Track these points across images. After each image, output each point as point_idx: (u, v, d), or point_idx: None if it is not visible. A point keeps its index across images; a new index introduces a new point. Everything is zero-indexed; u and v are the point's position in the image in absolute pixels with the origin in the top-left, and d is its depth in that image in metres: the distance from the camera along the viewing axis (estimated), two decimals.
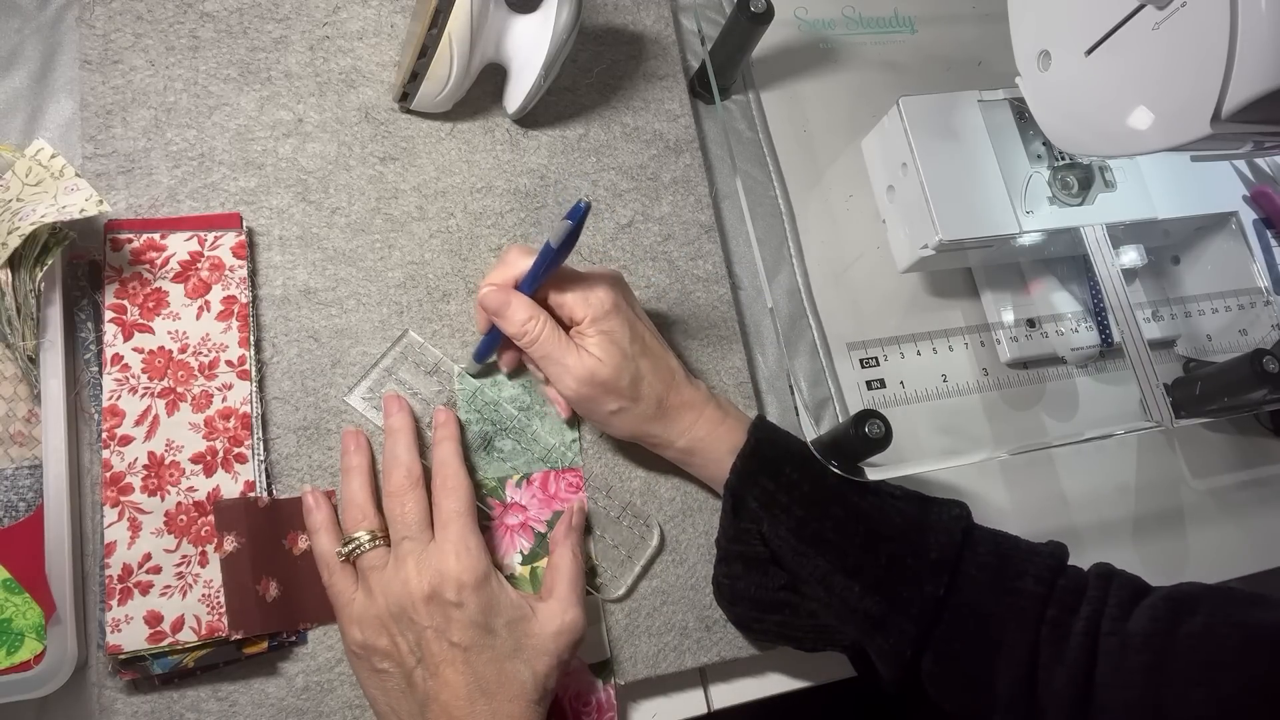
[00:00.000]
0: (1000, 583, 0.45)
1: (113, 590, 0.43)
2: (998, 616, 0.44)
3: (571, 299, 0.46)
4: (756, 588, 0.47)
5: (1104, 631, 0.43)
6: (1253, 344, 0.63)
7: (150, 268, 0.47)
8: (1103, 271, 0.56)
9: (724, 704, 0.52)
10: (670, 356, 0.49)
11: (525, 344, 0.46)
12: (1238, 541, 0.63)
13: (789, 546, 0.46)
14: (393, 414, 0.48)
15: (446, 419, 0.49)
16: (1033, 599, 0.44)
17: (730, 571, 0.48)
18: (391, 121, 0.55)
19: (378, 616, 0.43)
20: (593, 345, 0.46)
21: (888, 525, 0.46)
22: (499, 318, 0.47)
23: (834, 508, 0.46)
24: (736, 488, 0.47)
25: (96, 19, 0.51)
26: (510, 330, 0.47)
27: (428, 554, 0.43)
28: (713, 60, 0.58)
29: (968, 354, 0.62)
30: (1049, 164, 0.59)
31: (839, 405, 0.58)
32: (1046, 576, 0.45)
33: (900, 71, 0.68)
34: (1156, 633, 0.42)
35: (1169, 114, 0.43)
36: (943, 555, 0.45)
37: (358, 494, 0.46)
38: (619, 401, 0.47)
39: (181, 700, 0.43)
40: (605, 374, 0.46)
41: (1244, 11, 0.38)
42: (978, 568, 0.45)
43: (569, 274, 0.47)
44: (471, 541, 0.44)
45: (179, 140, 0.51)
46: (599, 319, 0.46)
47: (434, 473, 0.46)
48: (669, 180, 0.59)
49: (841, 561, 0.45)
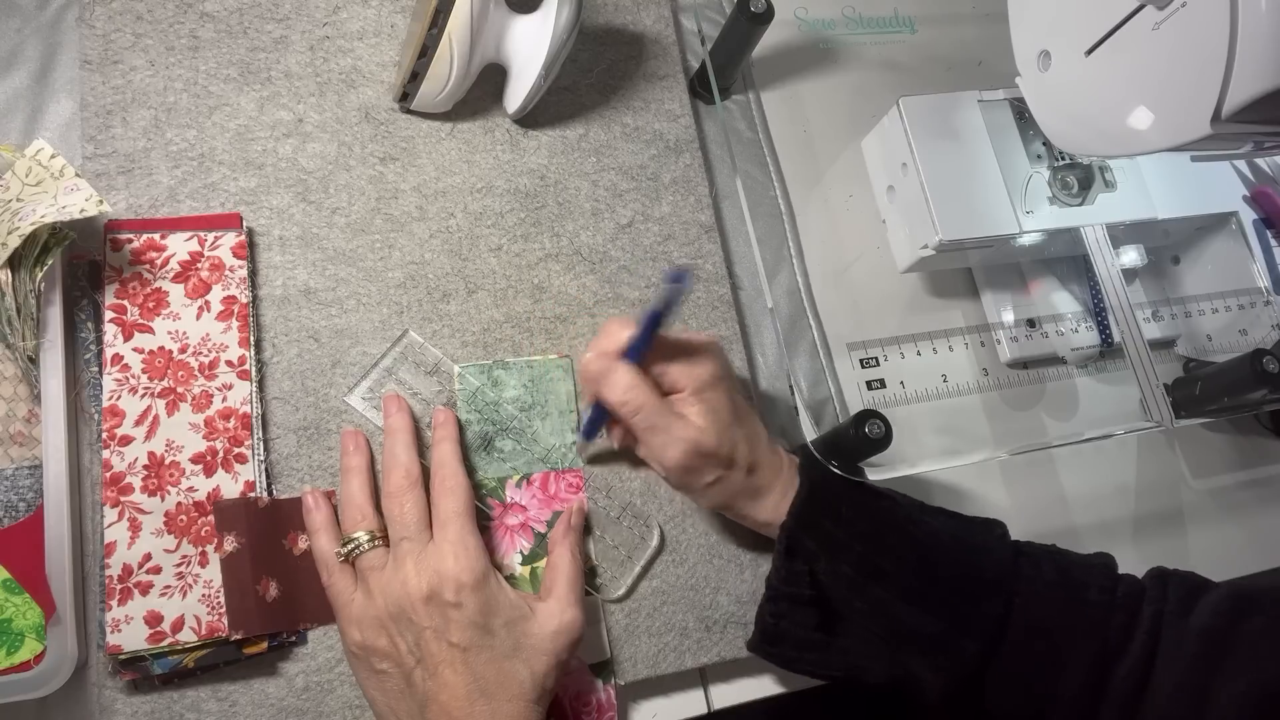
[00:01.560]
0: (1068, 598, 0.46)
1: (113, 590, 0.43)
2: (1066, 629, 0.46)
3: (676, 369, 0.47)
4: (798, 627, 0.48)
5: (1166, 625, 0.45)
6: (1253, 344, 0.63)
7: (150, 268, 0.47)
8: (1103, 271, 0.56)
9: (724, 704, 0.52)
10: (758, 422, 0.50)
11: (627, 413, 0.45)
12: (1238, 541, 0.63)
13: (846, 582, 0.46)
14: (391, 414, 0.48)
15: (446, 419, 0.49)
16: (1099, 608, 0.46)
17: (777, 610, 0.48)
18: (391, 121, 0.55)
19: (376, 617, 0.43)
20: (695, 415, 0.46)
21: (940, 549, 0.47)
22: (602, 385, 0.46)
23: (890, 538, 0.47)
24: (794, 530, 0.47)
25: (96, 19, 0.51)
26: (613, 398, 0.45)
27: (426, 554, 0.43)
28: (713, 60, 0.58)
29: (968, 354, 0.62)
30: (1049, 164, 0.59)
31: (839, 405, 0.58)
32: (1108, 586, 0.47)
33: (900, 71, 0.68)
34: (1218, 628, 0.44)
35: (1169, 114, 0.43)
36: (998, 574, 0.46)
37: (357, 494, 0.46)
38: (717, 471, 0.47)
39: (181, 700, 0.43)
40: (709, 444, 0.46)
41: (1244, 11, 0.38)
42: (1044, 585, 0.46)
43: (671, 343, 0.47)
44: (470, 542, 0.44)
45: (179, 140, 0.51)
46: (702, 389, 0.46)
47: (433, 473, 0.46)
48: (669, 180, 0.59)
49: (900, 589, 0.46)
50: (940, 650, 0.45)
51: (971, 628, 0.45)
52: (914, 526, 0.47)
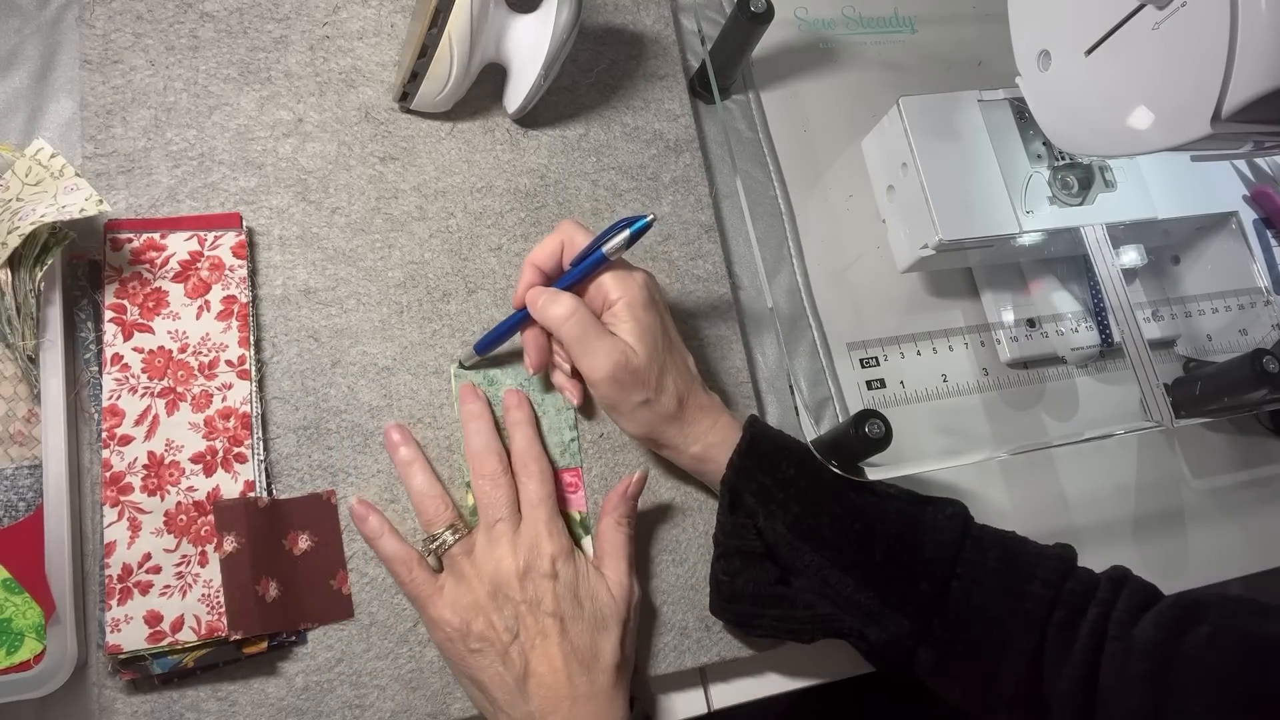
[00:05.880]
0: (1008, 586, 0.45)
1: (112, 590, 0.43)
2: (1004, 619, 0.45)
3: (609, 279, 0.47)
4: (754, 583, 0.47)
5: (1110, 635, 0.43)
6: (1253, 344, 0.63)
7: (150, 267, 0.47)
8: (1103, 271, 0.56)
9: (724, 704, 0.52)
10: (691, 360, 0.50)
11: (559, 321, 0.45)
12: (1238, 541, 0.63)
13: (784, 541, 0.46)
14: (469, 401, 0.49)
15: (519, 401, 0.50)
16: (1039, 602, 0.45)
17: (729, 568, 0.48)
18: (391, 121, 0.55)
19: (473, 599, 0.44)
20: (626, 332, 0.46)
21: (884, 523, 0.46)
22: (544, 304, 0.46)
23: (831, 505, 0.47)
24: (734, 482, 0.47)
25: (96, 19, 0.51)
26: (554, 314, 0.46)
27: (521, 534, 0.45)
28: (713, 60, 0.58)
29: (968, 354, 0.62)
30: (1049, 164, 0.59)
31: (839, 405, 0.58)
32: (1054, 580, 0.45)
33: (900, 71, 0.68)
34: (1161, 640, 0.42)
35: (1169, 114, 0.43)
36: (939, 554, 0.46)
37: (428, 487, 0.47)
38: (645, 393, 0.46)
39: (181, 700, 0.43)
40: (638, 362, 0.46)
41: (1244, 11, 0.38)
42: (986, 572, 0.46)
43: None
44: (559, 523, 0.46)
45: (179, 140, 0.51)
46: (634, 305, 0.46)
47: (515, 458, 0.48)
48: (669, 180, 0.59)
49: (837, 557, 0.46)
50: (874, 622, 0.45)
51: (905, 604, 0.45)
52: (858, 497, 0.47)
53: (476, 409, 0.49)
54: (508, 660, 0.43)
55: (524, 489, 0.47)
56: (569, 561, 0.45)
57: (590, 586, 0.45)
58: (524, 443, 0.49)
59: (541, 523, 0.46)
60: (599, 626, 0.45)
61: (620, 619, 0.45)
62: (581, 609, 0.45)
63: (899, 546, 0.46)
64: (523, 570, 0.44)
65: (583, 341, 0.46)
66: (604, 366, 0.45)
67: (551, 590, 0.44)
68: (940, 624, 0.45)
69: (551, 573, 0.44)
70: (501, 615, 0.44)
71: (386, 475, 0.48)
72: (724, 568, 0.49)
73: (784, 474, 0.47)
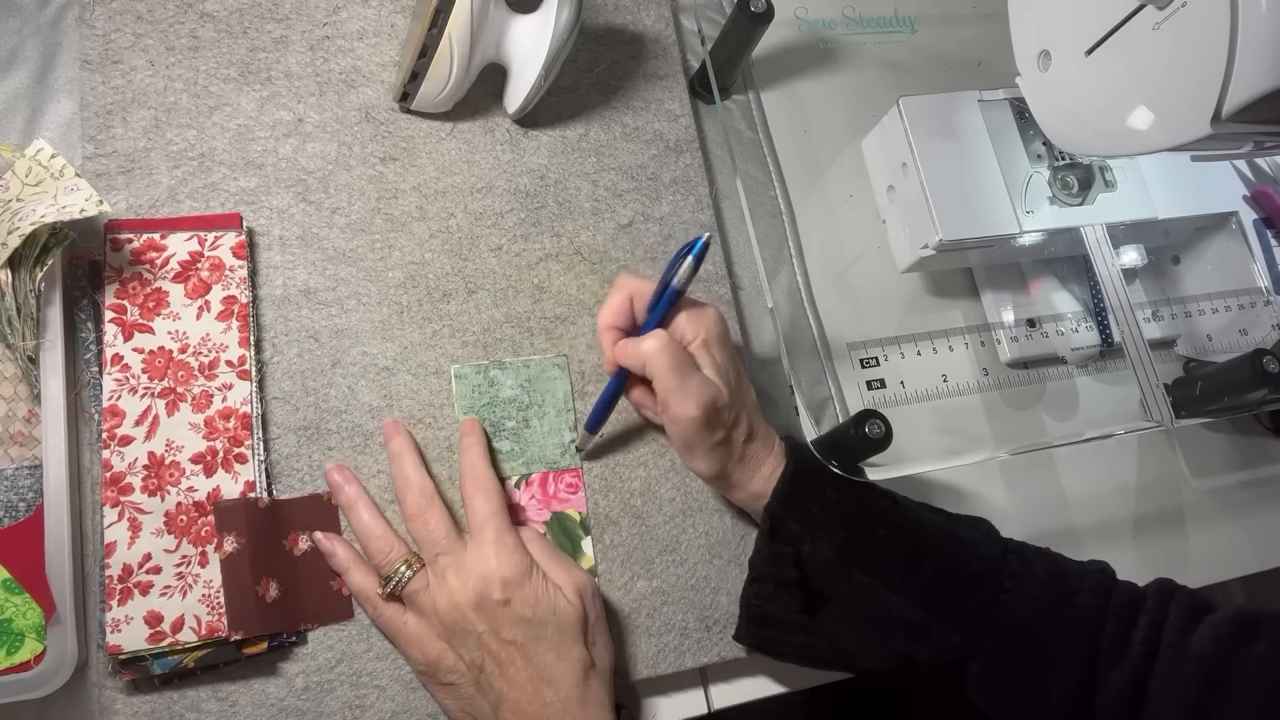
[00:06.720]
0: (1057, 598, 0.46)
1: (113, 590, 0.43)
2: (1054, 631, 0.45)
3: (683, 319, 0.47)
4: (783, 610, 0.48)
5: (1165, 643, 0.44)
6: (1253, 344, 0.63)
7: (150, 268, 0.47)
8: (1103, 271, 0.56)
9: (724, 704, 0.52)
10: (753, 392, 0.50)
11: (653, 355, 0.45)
12: (1238, 541, 0.63)
13: (830, 566, 0.47)
14: (392, 438, 0.48)
15: (471, 427, 0.49)
16: (1089, 612, 0.45)
17: (761, 592, 0.48)
18: (391, 121, 0.55)
19: (434, 634, 0.44)
20: (709, 370, 0.47)
21: (928, 542, 0.47)
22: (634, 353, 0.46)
23: (877, 527, 0.47)
24: (778, 511, 0.47)
25: (96, 19, 0.51)
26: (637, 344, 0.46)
27: (465, 562, 0.44)
28: (713, 60, 0.58)
29: (968, 354, 0.62)
30: (1049, 164, 0.59)
31: (839, 405, 0.58)
32: (1101, 590, 0.46)
33: (900, 71, 0.68)
34: (1219, 653, 0.43)
35: (1169, 114, 0.43)
36: (984, 569, 0.47)
37: (374, 526, 0.46)
38: (724, 431, 0.47)
39: (181, 700, 0.43)
40: (725, 400, 0.46)
41: (1244, 11, 0.38)
42: (1034, 584, 0.46)
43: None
44: (508, 540, 0.44)
45: (179, 140, 0.51)
46: (710, 342, 0.47)
47: (463, 475, 0.47)
48: (669, 180, 0.59)
49: (886, 577, 0.46)
50: (924, 637, 0.45)
51: (956, 620, 0.45)
52: (899, 515, 0.48)
53: (395, 446, 0.48)
54: (481, 688, 0.43)
55: (469, 508, 0.46)
56: (523, 581, 0.44)
57: (549, 600, 0.44)
58: (466, 462, 0.47)
59: (488, 544, 0.44)
60: (563, 639, 0.43)
61: (580, 619, 0.44)
62: (543, 627, 0.43)
63: (946, 563, 0.47)
64: (475, 602, 0.43)
65: (677, 375, 0.45)
66: (695, 405, 0.45)
67: (507, 617, 0.43)
68: (990, 637, 0.45)
69: (504, 599, 0.43)
70: (466, 648, 0.43)
71: (387, 475, 0.48)
72: (755, 591, 0.49)
73: (829, 499, 0.47)
